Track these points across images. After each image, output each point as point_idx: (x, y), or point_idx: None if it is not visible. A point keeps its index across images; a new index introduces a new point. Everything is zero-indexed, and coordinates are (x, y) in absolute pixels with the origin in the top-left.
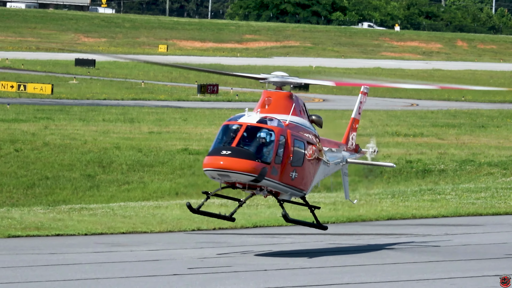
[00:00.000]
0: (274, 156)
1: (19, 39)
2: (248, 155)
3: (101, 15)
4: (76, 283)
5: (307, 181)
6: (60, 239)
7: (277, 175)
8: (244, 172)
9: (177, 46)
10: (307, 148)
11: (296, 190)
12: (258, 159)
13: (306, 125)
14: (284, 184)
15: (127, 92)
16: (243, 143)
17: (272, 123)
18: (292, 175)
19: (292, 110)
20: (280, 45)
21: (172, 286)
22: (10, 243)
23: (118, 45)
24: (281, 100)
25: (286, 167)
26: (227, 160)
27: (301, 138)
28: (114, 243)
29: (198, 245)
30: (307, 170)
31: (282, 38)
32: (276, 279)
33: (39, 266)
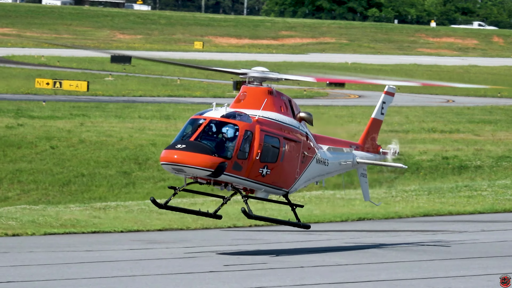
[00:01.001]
0: (236, 151)
1: (55, 36)
2: (204, 150)
3: (136, 12)
4: (112, 280)
5: (287, 179)
6: (96, 236)
7: (241, 170)
8: (198, 167)
9: (213, 42)
10: (284, 145)
11: (273, 187)
12: (215, 154)
13: (284, 121)
14: (252, 180)
15: (163, 89)
16: (203, 137)
17: (238, 118)
18: (262, 171)
19: (263, 105)
20: (316, 42)
21: (208, 283)
22: (46, 240)
23: (153, 42)
24: (256, 96)
25: (254, 163)
26: (181, 154)
27: (275, 134)
28: (150, 240)
29: (234, 242)
30: (285, 168)
31: (318, 34)
32: (312, 276)
33: (75, 263)
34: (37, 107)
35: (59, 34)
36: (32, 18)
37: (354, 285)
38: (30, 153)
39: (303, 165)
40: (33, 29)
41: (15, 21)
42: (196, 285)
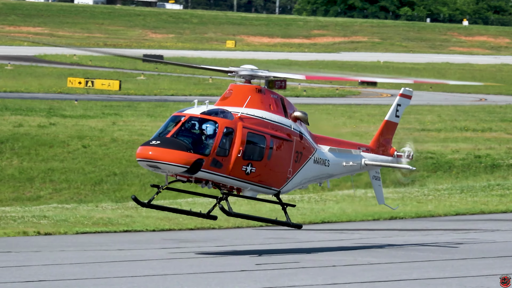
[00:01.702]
0: (214, 148)
1: (87, 35)
2: (179, 146)
3: (168, 11)
4: (144, 279)
5: (277, 178)
6: (128, 235)
7: (221, 168)
8: (173, 163)
9: (245, 41)
10: (271, 143)
11: (260, 186)
12: (191, 150)
13: (273, 120)
14: (235, 178)
15: (194, 87)
16: (180, 134)
17: (218, 115)
18: (246, 169)
19: (246, 103)
20: (348, 40)
21: (239, 282)
22: (78, 239)
23: (185, 41)
24: (243, 93)
25: (236, 160)
26: (155, 150)
27: (261, 131)
28: (182, 239)
29: (266, 241)
30: (274, 166)
31: (350, 33)
32: (344, 275)
33: (107, 262)
34: (69, 106)
35: (91, 33)
36: (64, 17)
37: (386, 284)
38: (62, 152)
39: (297, 164)
40: (65, 28)
41: (48, 20)
42: (228, 284)
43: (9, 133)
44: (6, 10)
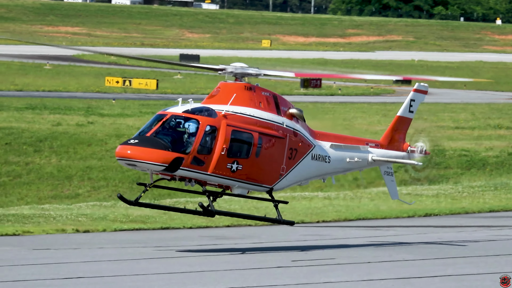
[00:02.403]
0: (195, 146)
1: (124, 35)
2: (157, 145)
3: (205, 10)
4: (181, 276)
5: (267, 175)
6: (165, 232)
7: (204, 166)
8: (150, 162)
9: (280, 41)
10: (260, 140)
11: (249, 184)
12: (170, 149)
13: (262, 117)
14: (220, 176)
15: None
16: (160, 132)
17: (201, 113)
18: (232, 167)
19: (231, 100)
20: (383, 40)
21: (276, 278)
22: (116, 236)
23: (222, 41)
24: (230, 91)
25: (220, 158)
26: (133, 149)
27: (247, 129)
28: (219, 236)
29: (302, 238)
30: (263, 163)
31: (384, 32)
32: (379, 271)
33: (145, 259)
34: (107, 105)
35: (128, 33)
36: (102, 17)
37: (420, 280)
38: (100, 150)
39: (291, 161)
40: (103, 28)
41: (85, 20)
42: (265, 280)
43: (48, 131)
44: (45, 10)
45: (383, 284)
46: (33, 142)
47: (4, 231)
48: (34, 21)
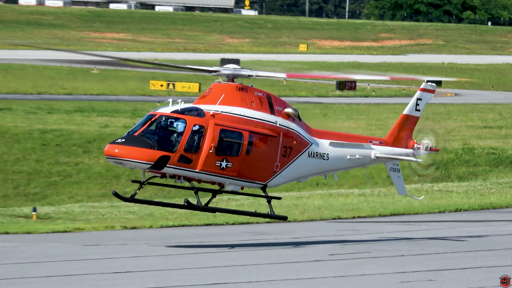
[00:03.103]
0: (182, 145)
1: (168, 41)
2: (143, 144)
3: (244, 16)
4: (225, 270)
5: (260, 172)
6: (209, 228)
7: (192, 164)
8: (136, 160)
9: (316, 45)
10: (250, 138)
11: (241, 180)
12: (155, 147)
13: (253, 116)
14: (210, 173)
15: (270, 89)
16: (148, 132)
17: (188, 113)
18: (221, 164)
19: (220, 101)
20: (414, 43)
21: (314, 271)
22: (163, 232)
23: (260, 45)
24: (220, 92)
25: (208, 156)
26: (119, 148)
27: (236, 128)
28: (259, 232)
29: (339, 233)
30: (255, 161)
31: (415, 36)
32: (412, 264)
33: (190, 254)
34: (152, 108)
35: (171, 39)
36: (146, 23)
37: (452, 272)
38: None
39: (286, 159)
40: (147, 34)
41: (130, 26)
42: (304, 273)
43: (96, 133)
44: (92, 17)
45: (416, 276)
46: (82, 143)
47: (56, 228)
48: (82, 28)
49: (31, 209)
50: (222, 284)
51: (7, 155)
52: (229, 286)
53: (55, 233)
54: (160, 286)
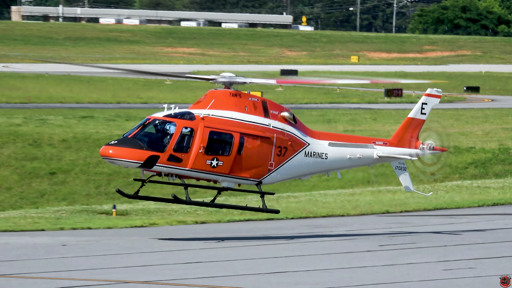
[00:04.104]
0: (171, 146)
1: (233, 54)
2: (133, 145)
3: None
4: (285, 260)
5: (254, 170)
6: (271, 222)
7: (182, 162)
8: (127, 160)
9: (366, 57)
10: (241, 139)
11: (233, 177)
12: (145, 148)
13: (245, 119)
14: (201, 171)
15: (324, 97)
16: (141, 134)
17: (178, 117)
18: (211, 163)
19: (209, 105)
20: (454, 54)
21: (366, 261)
22: (230, 226)
23: (316, 57)
24: (214, 97)
25: (198, 156)
26: (112, 149)
27: (227, 130)
28: (316, 225)
29: (388, 226)
30: (248, 160)
31: (456, 48)
32: (454, 253)
33: (253, 246)
34: None
35: (236, 52)
36: (213, 39)
37: (490, 261)
38: None
39: (280, 158)
40: (214, 48)
41: (199, 42)
42: (356, 263)
43: None
44: (165, 34)
45: (457, 264)
46: None
47: (134, 223)
48: (156, 43)
49: (111, 207)
50: (282, 273)
51: (89, 158)
52: (288, 274)
53: (133, 228)
54: (227, 274)
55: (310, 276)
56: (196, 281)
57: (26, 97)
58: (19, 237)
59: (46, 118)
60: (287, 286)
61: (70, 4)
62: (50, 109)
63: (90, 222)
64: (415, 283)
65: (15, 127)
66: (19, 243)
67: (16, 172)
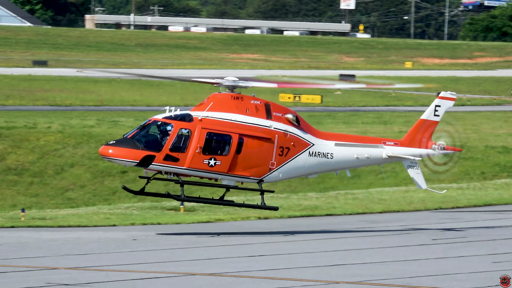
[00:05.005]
0: (167, 146)
1: (294, 60)
2: (130, 145)
3: (359, 39)
4: (343, 253)
5: (254, 169)
6: (329, 218)
7: (179, 162)
8: (123, 159)
9: (420, 62)
10: (240, 140)
11: (233, 176)
12: (141, 148)
13: (245, 121)
14: (199, 170)
15: (381, 100)
16: (139, 134)
17: (177, 119)
18: (209, 162)
19: (208, 108)
20: (503, 60)
21: (419, 254)
22: (290, 222)
23: (373, 63)
24: (214, 100)
25: (194, 155)
26: (111, 148)
27: (225, 131)
28: (372, 221)
29: (440, 221)
30: (247, 159)
31: (504, 54)
32: (503, 246)
33: (313, 240)
34: None
35: (297, 58)
36: (276, 46)
37: None
38: None
39: (282, 157)
40: (277, 54)
41: (263, 48)
42: (411, 255)
43: None
44: (231, 41)
45: (506, 257)
46: None
47: (200, 219)
48: (222, 50)
49: (179, 203)
50: (341, 266)
51: None
52: (346, 267)
53: (199, 223)
54: (288, 267)
55: (367, 268)
56: (259, 273)
57: (99, 100)
58: (92, 232)
59: (117, 120)
60: (345, 278)
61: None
62: (122, 112)
63: (159, 218)
64: (465, 275)
65: (88, 128)
66: (92, 237)
67: (90, 170)
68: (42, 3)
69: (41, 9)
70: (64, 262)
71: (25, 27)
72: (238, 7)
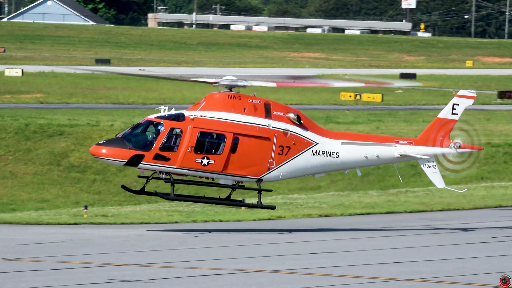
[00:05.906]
0: (157, 145)
1: (355, 59)
2: (119, 144)
3: (420, 38)
4: (403, 251)
5: (252, 168)
6: (390, 216)
7: (170, 161)
8: (112, 158)
9: (481, 61)
10: (235, 139)
11: (229, 175)
12: (130, 147)
13: (241, 120)
14: (191, 169)
15: (441, 98)
16: (130, 134)
17: (169, 118)
18: (202, 161)
19: (200, 107)
20: None
21: (479, 252)
22: (351, 220)
23: (433, 62)
24: (210, 100)
25: (186, 154)
26: (101, 148)
27: (218, 130)
28: (432, 218)
29: (501, 219)
30: (244, 158)
31: None
32: None
33: (374, 237)
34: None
35: (358, 57)
36: (337, 44)
37: None
38: None
39: (282, 156)
40: (338, 53)
41: (324, 47)
42: (470, 253)
43: None
44: (292, 40)
45: None
46: None
47: (261, 217)
48: (283, 49)
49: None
50: (401, 263)
51: None
52: (406, 264)
53: (261, 220)
54: (349, 264)
55: (427, 265)
56: (320, 270)
57: (161, 98)
58: (155, 229)
59: None
60: (406, 275)
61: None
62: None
63: (221, 215)
64: None
65: None
66: (154, 234)
67: None
68: (105, 2)
69: (104, 8)
70: (126, 259)
71: (88, 26)
72: (299, 6)
